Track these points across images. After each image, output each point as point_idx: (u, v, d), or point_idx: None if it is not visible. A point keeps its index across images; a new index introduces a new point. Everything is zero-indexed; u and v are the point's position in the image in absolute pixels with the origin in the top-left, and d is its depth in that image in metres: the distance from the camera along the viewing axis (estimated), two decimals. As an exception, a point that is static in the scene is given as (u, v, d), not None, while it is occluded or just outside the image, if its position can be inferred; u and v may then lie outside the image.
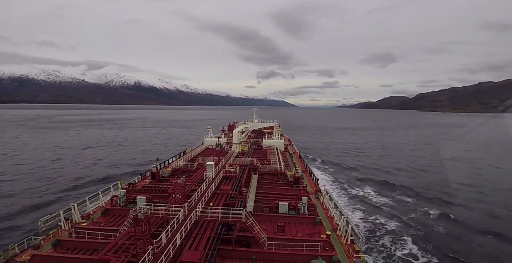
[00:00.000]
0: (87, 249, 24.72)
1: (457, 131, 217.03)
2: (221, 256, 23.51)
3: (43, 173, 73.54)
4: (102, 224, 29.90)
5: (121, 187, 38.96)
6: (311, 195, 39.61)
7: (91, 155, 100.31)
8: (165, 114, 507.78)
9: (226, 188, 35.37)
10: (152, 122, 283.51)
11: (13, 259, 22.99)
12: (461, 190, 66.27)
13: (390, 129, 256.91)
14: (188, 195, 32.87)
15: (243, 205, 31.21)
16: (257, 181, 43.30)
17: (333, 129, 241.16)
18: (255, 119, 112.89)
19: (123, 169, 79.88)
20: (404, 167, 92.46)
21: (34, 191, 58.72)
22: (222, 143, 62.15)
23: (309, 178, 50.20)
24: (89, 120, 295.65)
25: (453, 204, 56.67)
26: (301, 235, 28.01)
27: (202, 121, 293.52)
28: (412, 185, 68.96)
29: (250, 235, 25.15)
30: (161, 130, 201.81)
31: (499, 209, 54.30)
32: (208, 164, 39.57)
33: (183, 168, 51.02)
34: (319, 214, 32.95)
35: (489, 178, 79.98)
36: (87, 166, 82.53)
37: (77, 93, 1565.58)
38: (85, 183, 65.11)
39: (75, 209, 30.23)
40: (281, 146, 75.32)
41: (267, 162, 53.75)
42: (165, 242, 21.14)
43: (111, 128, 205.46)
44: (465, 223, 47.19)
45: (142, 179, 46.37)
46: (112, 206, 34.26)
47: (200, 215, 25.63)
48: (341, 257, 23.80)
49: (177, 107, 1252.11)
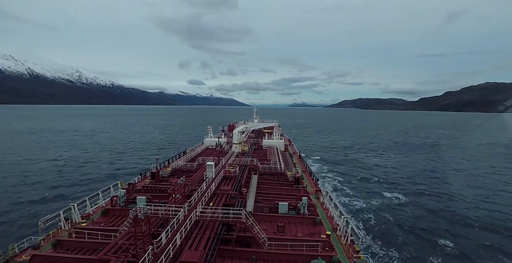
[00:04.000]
0: (87, 249, 24.70)
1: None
2: (221, 256, 23.50)
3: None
4: (102, 224, 29.88)
5: (121, 187, 38.94)
6: (311, 195, 39.58)
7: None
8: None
9: (226, 188, 35.37)
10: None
11: (13, 259, 22.96)
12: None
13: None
14: (188, 195, 32.86)
15: (243, 205, 31.20)
16: (257, 181, 43.29)
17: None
18: (255, 119, 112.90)
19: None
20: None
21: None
22: (222, 143, 62.13)
23: (309, 178, 50.17)
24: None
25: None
26: (301, 235, 27.99)
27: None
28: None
29: (250, 235, 25.14)
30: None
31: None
32: (208, 164, 39.55)
33: (183, 168, 51.00)
34: (319, 214, 32.92)
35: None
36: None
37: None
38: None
39: (75, 209, 30.21)
40: (281, 146, 75.28)
41: (267, 162, 53.73)
42: (165, 242, 21.12)
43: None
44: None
45: (142, 179, 46.35)
46: (112, 206, 34.24)
47: (200, 215, 25.61)
48: (341, 257, 23.78)
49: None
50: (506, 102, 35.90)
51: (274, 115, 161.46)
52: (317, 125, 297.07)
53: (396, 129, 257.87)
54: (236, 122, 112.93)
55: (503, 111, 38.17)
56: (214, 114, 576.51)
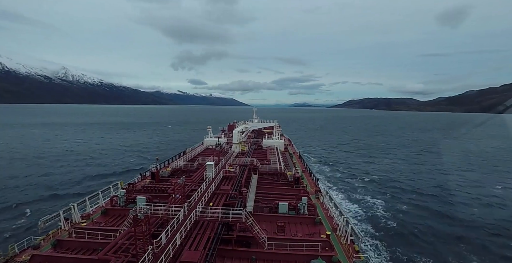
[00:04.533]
0: (87, 249, 24.70)
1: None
2: (221, 256, 23.51)
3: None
4: (102, 224, 29.88)
5: (121, 187, 38.95)
6: (311, 195, 39.60)
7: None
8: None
9: (226, 188, 35.38)
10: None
11: (13, 259, 22.97)
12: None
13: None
14: (188, 195, 32.87)
15: (243, 205, 31.20)
16: (257, 181, 43.30)
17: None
18: (255, 119, 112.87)
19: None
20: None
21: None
22: (222, 143, 62.12)
23: (309, 178, 50.19)
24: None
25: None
26: (301, 235, 28.00)
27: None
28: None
29: (250, 235, 25.14)
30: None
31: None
32: (208, 164, 39.55)
33: (183, 168, 50.99)
34: (319, 214, 32.94)
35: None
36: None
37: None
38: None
39: (75, 209, 30.21)
40: (281, 146, 75.28)
41: (267, 162, 53.72)
42: (165, 242, 21.11)
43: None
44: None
45: (142, 179, 46.35)
46: (112, 206, 34.24)
47: (200, 215, 25.61)
48: (341, 257, 23.79)
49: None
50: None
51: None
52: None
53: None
54: (236, 122, 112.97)
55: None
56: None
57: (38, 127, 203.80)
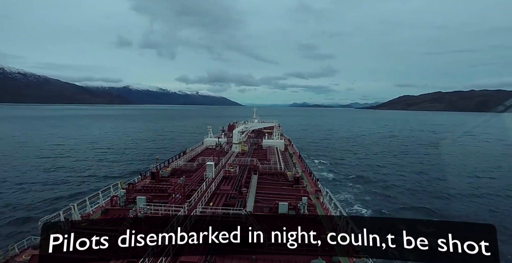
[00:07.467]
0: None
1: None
2: (221, 256, 23.50)
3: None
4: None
5: (121, 187, 38.96)
6: (311, 195, 39.60)
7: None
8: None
9: (226, 188, 35.43)
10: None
11: (12, 259, 22.98)
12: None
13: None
14: (188, 195, 32.91)
15: (243, 205, 31.26)
16: (257, 181, 43.34)
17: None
18: (255, 119, 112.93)
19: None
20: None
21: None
22: (222, 143, 62.18)
23: (309, 178, 50.18)
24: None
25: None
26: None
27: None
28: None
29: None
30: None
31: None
32: (208, 164, 39.61)
33: (183, 168, 50.98)
34: (319, 214, 32.95)
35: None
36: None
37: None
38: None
39: (75, 209, 30.22)
40: (281, 146, 75.22)
41: (267, 162, 53.75)
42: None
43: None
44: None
45: (142, 179, 46.34)
46: (112, 206, 34.21)
47: (200, 215, 25.58)
48: (341, 257, 23.78)
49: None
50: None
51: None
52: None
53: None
54: (236, 122, 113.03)
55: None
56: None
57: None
